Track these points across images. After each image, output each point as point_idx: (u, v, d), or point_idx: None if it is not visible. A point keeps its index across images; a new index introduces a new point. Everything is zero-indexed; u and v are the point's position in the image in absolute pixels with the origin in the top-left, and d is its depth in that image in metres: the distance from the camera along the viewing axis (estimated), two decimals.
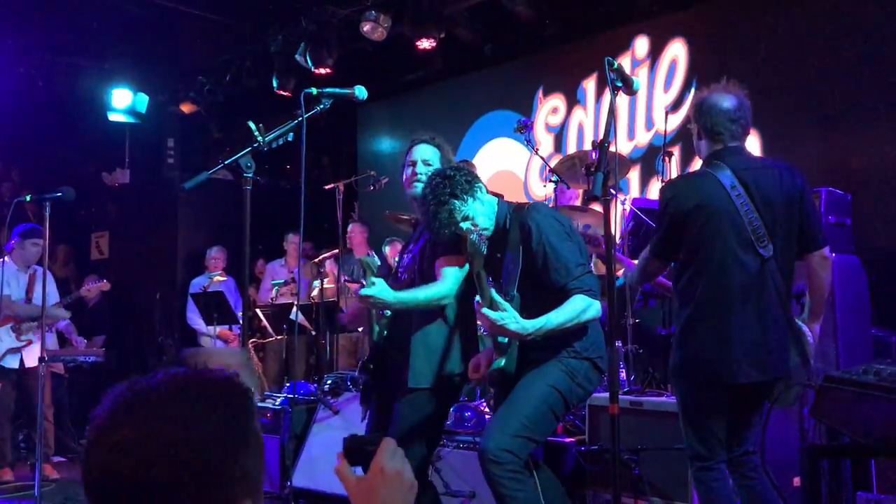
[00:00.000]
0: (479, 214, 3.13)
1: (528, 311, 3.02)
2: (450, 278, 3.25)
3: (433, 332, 3.34)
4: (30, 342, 5.91)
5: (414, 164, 3.42)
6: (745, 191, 2.93)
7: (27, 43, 8.23)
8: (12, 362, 5.95)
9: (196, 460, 1.02)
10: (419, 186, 3.32)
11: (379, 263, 3.21)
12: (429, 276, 3.31)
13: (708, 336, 2.94)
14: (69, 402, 7.23)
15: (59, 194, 4.18)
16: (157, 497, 1.01)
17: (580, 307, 2.93)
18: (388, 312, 3.42)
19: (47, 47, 8.34)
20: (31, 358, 5.84)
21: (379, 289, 3.13)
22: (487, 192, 3.23)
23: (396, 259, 5.69)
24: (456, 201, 3.07)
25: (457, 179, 3.10)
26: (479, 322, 3.11)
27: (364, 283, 3.17)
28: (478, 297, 3.00)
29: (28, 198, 4.37)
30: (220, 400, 1.07)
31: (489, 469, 2.91)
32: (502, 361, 3.14)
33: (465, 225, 3.11)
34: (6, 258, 6.03)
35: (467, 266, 3.24)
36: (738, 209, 2.92)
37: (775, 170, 3.05)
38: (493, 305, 2.91)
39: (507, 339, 3.11)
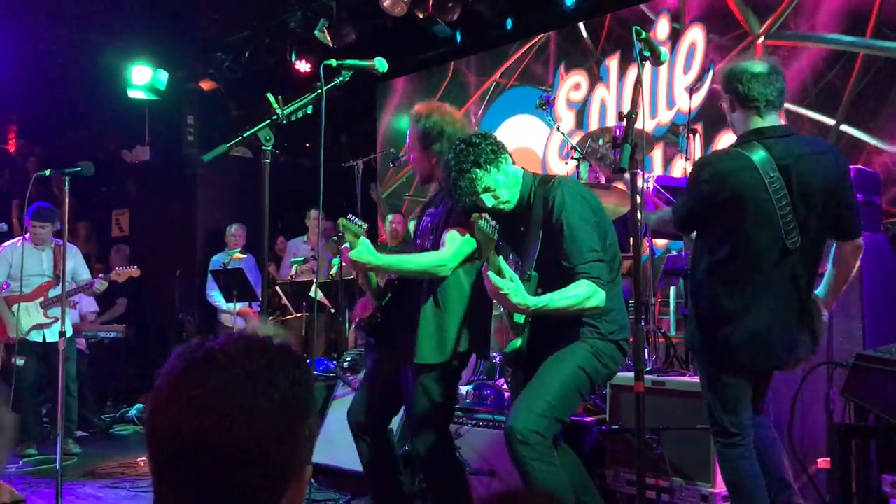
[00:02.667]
0: (501, 186, 3.04)
1: (546, 290, 2.96)
2: (453, 246, 3.14)
3: (436, 307, 3.26)
4: (56, 319, 5.94)
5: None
6: (783, 179, 2.81)
7: (47, 20, 8.22)
8: (37, 337, 6.01)
9: (274, 420, 0.99)
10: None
11: (365, 226, 3.13)
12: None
13: (738, 321, 2.88)
14: (91, 377, 7.30)
15: (79, 169, 4.17)
16: (231, 457, 0.96)
17: (584, 293, 2.83)
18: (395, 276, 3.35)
19: (67, 24, 8.33)
20: (55, 333, 5.88)
21: (360, 250, 3.06)
22: (513, 163, 3.16)
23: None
24: (478, 170, 2.98)
25: (482, 147, 3.00)
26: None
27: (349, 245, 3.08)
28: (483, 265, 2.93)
29: (48, 172, 4.36)
30: (289, 362, 1.05)
31: (517, 449, 2.87)
32: (518, 343, 3.08)
33: (485, 196, 3.04)
34: (27, 236, 6.07)
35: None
36: (772, 198, 2.81)
37: (818, 157, 2.90)
38: (500, 274, 2.84)
39: (522, 320, 3.06)
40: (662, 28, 6.76)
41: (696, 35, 6.55)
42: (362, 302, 3.57)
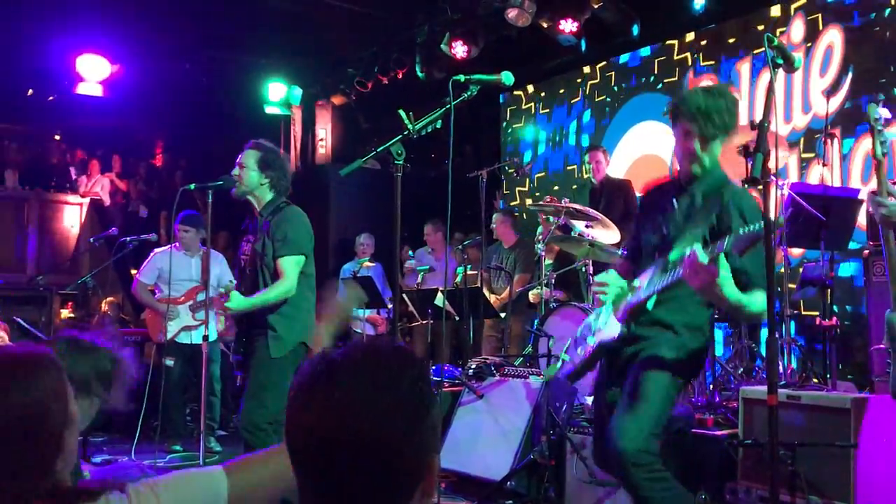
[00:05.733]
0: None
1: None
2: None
3: None
4: (203, 322, 6.29)
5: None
6: None
7: (190, 40, 8.74)
8: (185, 339, 6.37)
9: (399, 417, 1.10)
10: (237, 187, 4.09)
11: None
12: None
13: None
14: (231, 379, 7.67)
15: (220, 183, 4.40)
16: (362, 453, 1.08)
17: (761, 304, 2.67)
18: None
19: (209, 45, 8.84)
20: (201, 335, 6.23)
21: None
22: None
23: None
24: (724, 136, 2.88)
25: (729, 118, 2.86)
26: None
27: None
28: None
29: (192, 186, 4.63)
30: (406, 363, 1.16)
31: (631, 472, 2.81)
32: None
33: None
34: (176, 244, 6.47)
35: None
36: None
37: None
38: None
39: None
40: (797, 30, 6.51)
41: (833, 36, 6.29)
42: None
